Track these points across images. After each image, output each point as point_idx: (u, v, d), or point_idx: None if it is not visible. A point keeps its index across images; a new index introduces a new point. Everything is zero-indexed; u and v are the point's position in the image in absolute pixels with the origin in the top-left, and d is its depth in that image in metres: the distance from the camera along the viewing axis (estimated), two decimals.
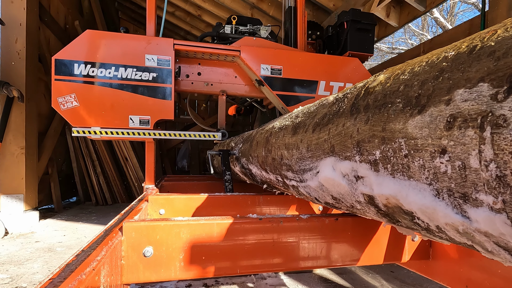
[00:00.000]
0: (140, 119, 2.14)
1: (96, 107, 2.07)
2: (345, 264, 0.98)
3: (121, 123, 2.10)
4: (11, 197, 3.17)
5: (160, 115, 2.17)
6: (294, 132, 0.95)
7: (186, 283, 1.86)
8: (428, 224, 0.48)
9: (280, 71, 2.45)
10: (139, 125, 2.14)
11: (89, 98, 2.06)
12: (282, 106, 2.48)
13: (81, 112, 2.05)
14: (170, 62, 2.20)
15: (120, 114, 2.10)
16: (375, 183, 0.55)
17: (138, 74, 2.14)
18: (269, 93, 2.50)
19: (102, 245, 0.70)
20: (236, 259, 0.89)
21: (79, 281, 0.52)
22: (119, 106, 2.10)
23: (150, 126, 2.15)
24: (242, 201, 1.57)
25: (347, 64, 2.60)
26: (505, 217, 0.34)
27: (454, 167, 0.38)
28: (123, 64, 2.12)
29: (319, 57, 2.57)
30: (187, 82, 2.48)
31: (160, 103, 2.17)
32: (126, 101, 2.11)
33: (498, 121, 0.33)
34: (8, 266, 2.12)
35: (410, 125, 0.45)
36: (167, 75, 2.19)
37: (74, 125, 2.05)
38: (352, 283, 1.94)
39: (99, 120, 2.07)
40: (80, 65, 2.06)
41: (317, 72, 2.53)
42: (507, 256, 0.39)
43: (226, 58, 2.48)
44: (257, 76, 2.40)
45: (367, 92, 0.60)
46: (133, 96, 2.13)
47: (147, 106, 2.15)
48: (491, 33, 0.37)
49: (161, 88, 2.18)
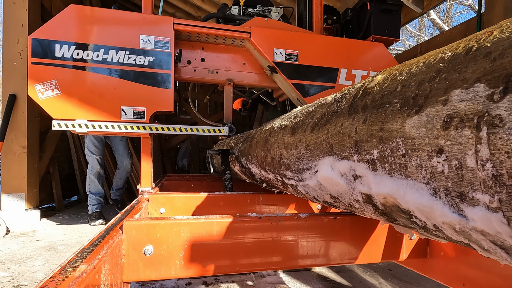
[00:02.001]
0: (134, 110, 1.83)
1: (81, 96, 1.76)
2: (343, 262, 0.98)
3: (112, 115, 1.79)
4: (13, 196, 3.17)
5: (158, 106, 1.86)
6: (293, 131, 0.96)
7: (186, 281, 1.87)
8: (426, 223, 0.49)
9: (296, 57, 2.13)
10: (132, 117, 1.83)
11: (73, 85, 1.75)
12: (298, 97, 2.18)
13: (63, 101, 1.73)
14: (169, 45, 1.88)
15: (111, 105, 1.79)
16: (373, 182, 0.56)
17: (131, 58, 1.82)
18: (283, 82, 2.20)
19: (103, 243, 0.70)
20: (236, 258, 0.89)
21: (80, 279, 0.53)
22: (109, 95, 1.79)
23: (146, 119, 1.85)
24: (242, 200, 1.57)
25: (371, 50, 2.27)
26: (501, 216, 0.35)
27: (451, 167, 0.39)
28: (114, 46, 1.80)
29: (339, 41, 2.24)
30: (189, 69, 2.14)
31: (157, 93, 1.86)
32: (118, 90, 1.80)
33: (494, 121, 0.33)
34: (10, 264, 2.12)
35: (408, 125, 0.46)
36: (165, 60, 1.87)
37: (55, 117, 1.74)
38: (350, 281, 1.95)
39: (85, 112, 1.76)
40: (63, 46, 1.73)
41: (338, 59, 2.21)
42: (504, 255, 0.40)
43: (234, 42, 2.15)
44: (270, 62, 2.09)
45: (365, 92, 0.61)
46: (126, 84, 1.81)
47: (142, 95, 1.84)
48: (487, 34, 0.37)
49: (159, 75, 1.86)
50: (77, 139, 4.63)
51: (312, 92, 2.17)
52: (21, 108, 3.20)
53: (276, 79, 2.27)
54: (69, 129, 1.76)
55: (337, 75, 2.23)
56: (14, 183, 3.18)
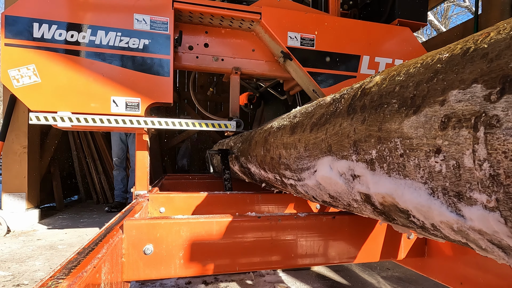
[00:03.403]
0: (127, 102, 1.58)
1: (64, 85, 1.50)
2: (342, 261, 0.99)
3: (100, 107, 1.55)
4: (14, 195, 3.17)
5: (154, 97, 1.61)
6: (292, 131, 0.96)
7: (185, 280, 1.87)
8: (424, 222, 0.49)
9: (313, 42, 1.89)
10: (125, 110, 1.57)
11: (55, 71, 1.49)
12: (314, 87, 1.95)
13: (43, 90, 1.47)
14: (167, 26, 1.64)
15: (99, 95, 1.54)
16: (372, 182, 0.56)
17: (123, 40, 1.57)
18: (297, 71, 1.95)
19: (103, 243, 0.71)
20: (235, 257, 0.90)
21: (80, 279, 0.53)
22: (98, 83, 1.54)
23: (141, 112, 1.59)
24: (241, 199, 1.57)
25: (396, 35, 2.03)
26: (498, 215, 0.35)
27: (449, 166, 0.39)
28: (103, 26, 1.55)
29: (361, 24, 1.99)
30: (191, 55, 1.87)
31: (154, 81, 1.61)
32: (107, 77, 1.55)
33: (492, 121, 0.33)
34: (10, 263, 2.12)
35: (406, 125, 0.46)
36: (163, 43, 1.63)
37: (34, 109, 1.48)
38: (349, 280, 1.96)
39: (69, 103, 1.51)
40: (43, 25, 1.47)
41: (359, 44, 1.97)
42: (501, 254, 0.40)
43: (242, 25, 1.90)
44: (283, 47, 1.86)
45: (363, 92, 0.61)
46: (117, 71, 1.56)
47: (136, 84, 1.58)
48: (484, 35, 0.38)
49: (156, 60, 1.61)
50: (77, 139, 4.62)
51: (330, 82, 1.93)
52: (22, 108, 3.20)
53: (289, 68, 2.01)
54: (49, 122, 1.47)
55: (358, 63, 1.98)
56: (15, 182, 3.18)
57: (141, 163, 1.77)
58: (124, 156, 4.10)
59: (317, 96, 1.98)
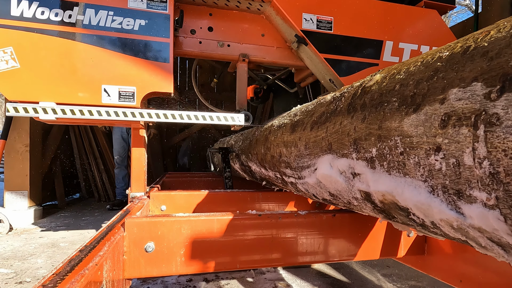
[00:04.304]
0: (120, 91, 1.38)
1: (47, 71, 1.30)
2: (342, 259, 0.99)
3: (90, 97, 1.35)
4: (16, 193, 3.20)
5: (152, 86, 1.41)
6: (292, 130, 0.96)
7: (187, 278, 1.88)
8: (423, 220, 0.50)
9: (331, 25, 1.70)
10: (118, 100, 1.37)
11: (37, 55, 1.29)
12: (332, 77, 1.77)
13: (22, 77, 1.29)
14: (167, 4, 1.45)
15: (88, 83, 1.34)
16: (372, 180, 0.56)
17: (116, 21, 1.38)
18: (313, 58, 1.77)
19: (105, 240, 0.71)
20: (236, 255, 0.90)
21: (82, 276, 0.53)
22: (86, 69, 1.34)
23: (136, 103, 1.39)
24: (242, 197, 1.58)
25: (421, 18, 1.83)
26: (498, 213, 0.35)
27: (449, 165, 0.39)
28: (92, 4, 1.37)
29: (384, 6, 1.78)
30: (193, 40, 1.67)
31: (151, 68, 1.41)
32: (98, 63, 1.35)
33: (492, 119, 0.33)
34: (13, 261, 2.14)
35: (406, 124, 0.46)
36: (162, 24, 1.43)
37: (12, 99, 1.30)
38: (349, 277, 1.97)
39: (53, 92, 1.31)
40: (22, 1, 1.29)
41: (382, 28, 1.78)
42: (500, 251, 0.40)
43: (251, 6, 1.73)
44: (297, 30, 1.68)
45: (363, 91, 0.61)
46: (109, 55, 1.36)
47: (131, 71, 1.38)
48: (484, 34, 0.38)
49: (154, 44, 1.42)
50: (79, 137, 4.63)
51: (350, 71, 1.74)
52: None
53: (303, 55, 1.80)
54: (30, 114, 1.28)
55: (381, 50, 1.79)
56: (17, 181, 3.21)
57: (137, 161, 1.56)
58: (126, 154, 4.11)
59: (334, 87, 1.80)
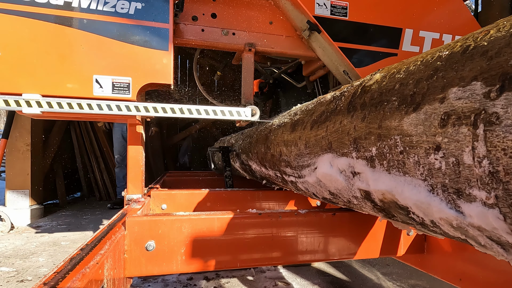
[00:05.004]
0: (114, 82, 1.24)
1: (32, 59, 1.16)
2: (342, 257, 1.00)
3: (79, 88, 1.21)
4: (17, 192, 3.21)
5: (149, 77, 1.28)
6: (292, 129, 0.96)
7: (187, 276, 1.89)
8: (423, 219, 0.50)
9: (346, 11, 1.59)
10: (111, 92, 1.24)
11: (20, 41, 1.16)
12: (346, 68, 1.65)
13: (3, 66, 1.15)
14: None
15: (77, 73, 1.21)
16: (371, 179, 0.56)
17: (109, 3, 1.25)
18: (326, 48, 1.64)
19: (106, 239, 0.71)
20: (236, 253, 0.91)
21: (83, 274, 0.54)
22: (76, 58, 1.20)
23: (132, 96, 1.26)
24: (242, 196, 1.58)
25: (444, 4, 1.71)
26: (497, 212, 0.35)
27: (448, 164, 0.40)
28: None
29: None
30: (195, 28, 1.53)
31: (148, 56, 1.27)
32: (88, 50, 1.21)
33: (491, 118, 0.33)
34: (14, 259, 2.15)
35: (406, 123, 0.46)
36: (160, 7, 1.30)
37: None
38: (349, 276, 1.97)
39: (38, 83, 1.18)
40: None
41: (400, 15, 1.66)
42: (500, 250, 0.41)
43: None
44: (309, 16, 1.56)
45: (363, 90, 0.61)
46: (101, 41, 1.22)
47: (126, 59, 1.25)
48: (484, 33, 0.38)
49: (151, 30, 1.27)
50: (80, 136, 4.64)
51: (367, 62, 1.62)
52: None
53: (314, 44, 1.66)
54: (11, 108, 1.15)
55: (400, 38, 1.67)
56: (18, 179, 3.22)
57: (134, 160, 1.41)
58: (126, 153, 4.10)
59: (348, 79, 1.67)
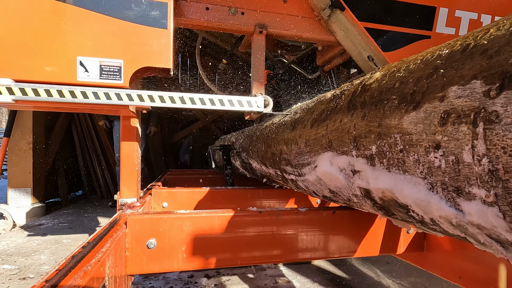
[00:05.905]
0: (102, 65, 1.02)
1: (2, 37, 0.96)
2: (342, 255, 1.00)
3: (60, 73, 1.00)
4: (19, 190, 3.23)
5: (145, 59, 1.05)
6: (293, 127, 0.97)
7: (188, 274, 1.90)
8: (423, 217, 0.50)
9: None
10: (98, 78, 1.02)
11: None
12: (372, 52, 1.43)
13: None
14: None
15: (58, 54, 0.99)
16: (371, 177, 0.57)
17: None
18: (349, 29, 1.41)
19: (107, 237, 0.72)
20: (237, 251, 0.91)
21: (85, 272, 0.54)
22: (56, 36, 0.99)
23: (123, 82, 1.03)
24: (243, 194, 1.59)
25: None
26: (497, 210, 0.35)
27: (448, 162, 0.40)
28: None
29: None
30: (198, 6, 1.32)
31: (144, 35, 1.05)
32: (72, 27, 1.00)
33: (491, 117, 0.34)
34: (16, 257, 2.16)
35: (405, 121, 0.46)
36: None
37: None
38: (349, 273, 1.98)
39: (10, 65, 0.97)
40: None
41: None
42: (499, 248, 0.41)
43: None
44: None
45: (363, 89, 0.61)
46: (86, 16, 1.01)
47: (116, 38, 1.03)
48: (484, 32, 0.38)
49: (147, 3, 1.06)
50: (81, 135, 4.65)
51: (396, 45, 1.42)
52: None
53: (335, 26, 1.43)
54: None
55: (434, 18, 1.47)
56: (20, 178, 3.24)
57: (128, 159, 1.19)
58: None
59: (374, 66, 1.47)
